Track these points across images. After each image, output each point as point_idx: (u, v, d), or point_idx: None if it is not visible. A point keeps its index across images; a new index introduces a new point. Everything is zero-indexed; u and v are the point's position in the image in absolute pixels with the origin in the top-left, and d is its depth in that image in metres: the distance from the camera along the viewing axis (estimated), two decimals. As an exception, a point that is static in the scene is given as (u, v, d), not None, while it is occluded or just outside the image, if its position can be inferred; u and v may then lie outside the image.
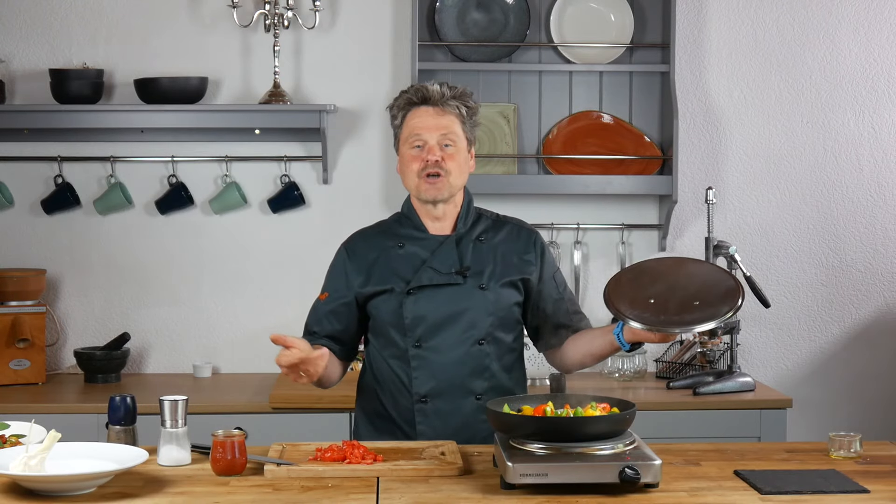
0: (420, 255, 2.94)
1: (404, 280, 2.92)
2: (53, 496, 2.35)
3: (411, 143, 2.90)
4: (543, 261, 3.01)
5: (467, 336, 2.90)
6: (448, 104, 2.89)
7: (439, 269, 2.91)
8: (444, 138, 2.89)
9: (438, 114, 2.89)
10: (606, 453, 2.40)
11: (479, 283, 2.91)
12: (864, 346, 4.50)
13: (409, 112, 2.92)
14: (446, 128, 2.89)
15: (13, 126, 4.20)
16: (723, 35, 4.40)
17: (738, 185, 4.44)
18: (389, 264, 2.94)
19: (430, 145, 2.88)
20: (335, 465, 2.54)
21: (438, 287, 2.90)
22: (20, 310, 4.11)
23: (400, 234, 2.99)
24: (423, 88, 2.90)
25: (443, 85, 2.91)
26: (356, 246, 3.02)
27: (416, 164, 2.90)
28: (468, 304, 2.90)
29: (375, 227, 3.07)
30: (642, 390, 4.01)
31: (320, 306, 3.02)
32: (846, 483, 2.48)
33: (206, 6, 4.30)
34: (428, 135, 2.89)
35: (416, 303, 2.90)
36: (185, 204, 4.31)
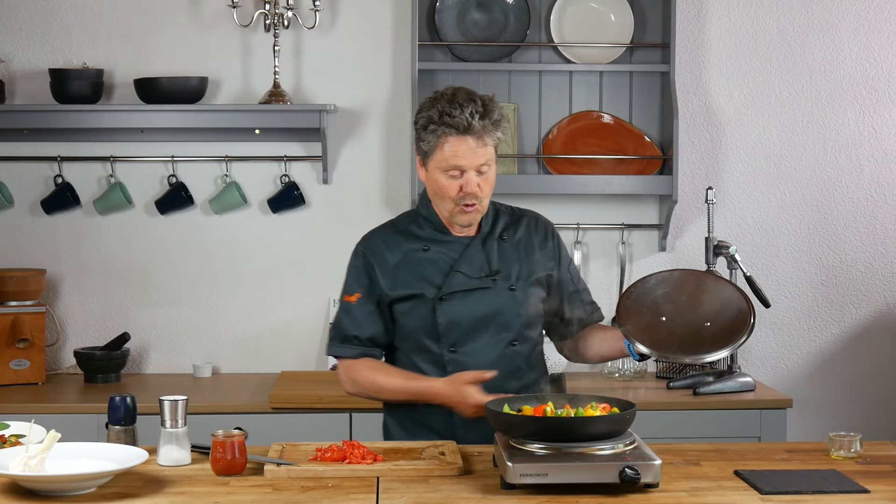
0: (447, 258, 2.91)
1: (434, 285, 2.89)
2: (53, 496, 2.35)
3: (447, 170, 2.83)
4: (560, 253, 3.02)
5: (501, 338, 2.90)
6: (488, 134, 2.82)
7: (470, 274, 2.90)
8: (481, 166, 2.83)
9: (478, 145, 2.81)
10: (606, 453, 2.40)
11: (509, 285, 2.91)
12: (864, 346, 4.50)
13: (445, 138, 2.81)
14: (484, 157, 2.82)
15: (13, 126, 4.20)
16: (723, 35, 4.40)
17: (738, 185, 4.44)
18: (416, 268, 2.91)
19: (468, 177, 2.82)
20: (335, 465, 2.54)
21: (469, 291, 2.89)
22: (20, 310, 4.11)
23: (422, 235, 2.95)
24: (462, 120, 2.78)
25: (481, 113, 2.80)
26: (376, 247, 2.97)
27: (452, 191, 2.84)
28: (500, 306, 2.89)
29: (390, 227, 3.02)
30: (642, 390, 4.01)
31: (355, 309, 2.94)
32: (846, 483, 2.48)
33: (206, 6, 4.30)
34: (467, 164, 2.81)
35: (449, 308, 2.88)
36: (185, 204, 4.31)
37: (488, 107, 2.82)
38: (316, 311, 4.37)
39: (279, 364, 4.35)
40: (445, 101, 2.82)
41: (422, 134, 2.85)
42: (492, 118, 2.82)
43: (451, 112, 2.79)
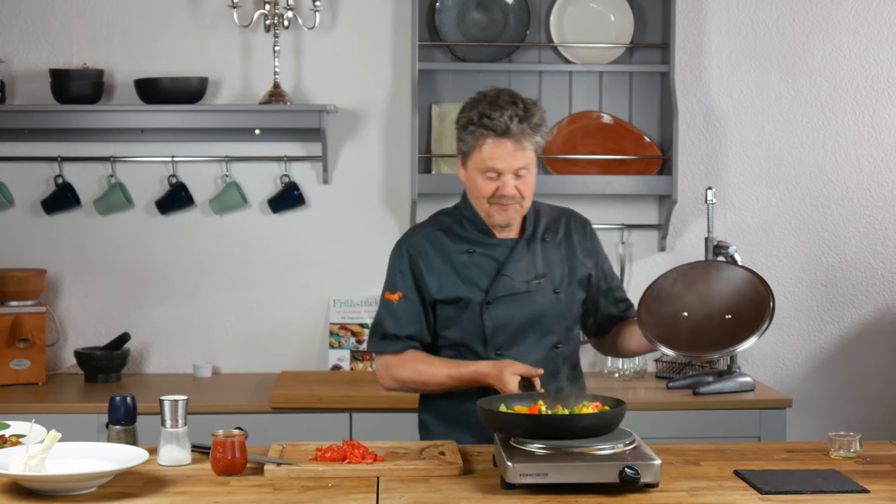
0: (493, 261, 2.91)
1: (480, 289, 2.89)
2: (53, 496, 2.36)
3: (484, 171, 2.83)
4: (598, 252, 3.03)
5: (545, 341, 2.91)
6: (527, 138, 2.80)
7: (516, 278, 2.90)
8: (519, 170, 2.82)
9: (517, 148, 2.79)
10: (606, 453, 2.40)
11: (554, 288, 2.91)
12: (864, 346, 4.50)
13: (484, 139, 2.80)
14: (522, 160, 2.81)
15: (13, 126, 4.20)
16: (723, 35, 4.40)
17: (738, 185, 4.44)
18: (462, 271, 2.90)
19: (505, 179, 2.82)
20: (335, 465, 2.54)
21: (516, 295, 2.89)
22: (20, 310, 4.11)
23: (465, 237, 2.94)
24: (501, 122, 2.77)
25: (521, 116, 2.78)
26: (421, 247, 2.95)
27: (487, 191, 2.84)
28: (545, 309, 2.90)
29: (433, 225, 2.99)
30: (642, 390, 4.01)
31: (397, 308, 2.93)
32: (846, 483, 2.48)
33: (206, 6, 4.30)
34: (504, 167, 2.81)
35: (496, 312, 2.88)
36: (185, 204, 4.31)
37: (530, 110, 2.81)
38: (316, 311, 4.37)
39: (279, 364, 4.35)
40: (487, 103, 2.81)
41: (461, 134, 2.85)
42: (531, 122, 2.80)
43: (491, 114, 2.78)
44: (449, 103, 4.32)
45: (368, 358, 4.28)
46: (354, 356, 4.28)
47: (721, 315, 2.74)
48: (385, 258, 4.36)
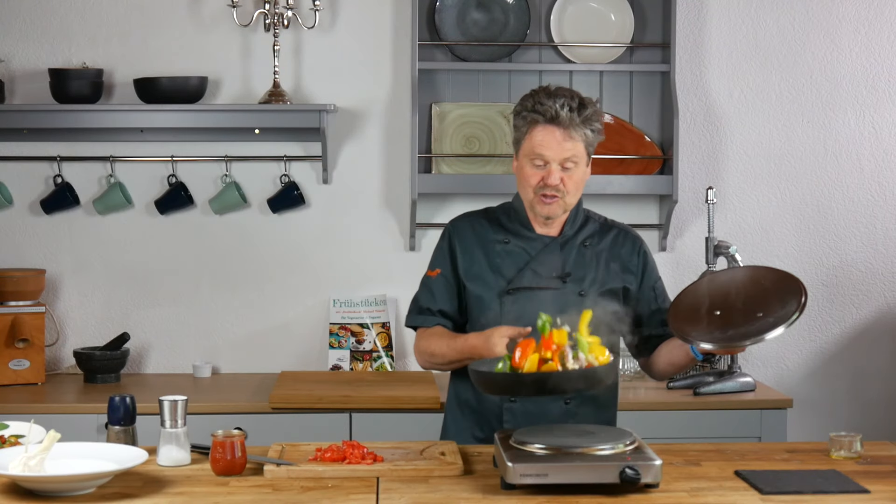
0: (524, 254, 2.93)
1: (505, 278, 2.91)
2: (53, 496, 2.35)
3: (532, 159, 2.85)
4: (646, 270, 3.00)
5: None
6: (576, 128, 2.82)
7: (540, 273, 2.91)
8: (566, 161, 2.84)
9: (565, 137, 2.82)
10: (607, 453, 2.40)
11: (580, 290, 2.91)
12: (864, 346, 4.50)
13: (534, 126, 2.84)
14: (570, 151, 2.83)
15: (13, 126, 4.19)
16: (723, 35, 4.40)
17: (738, 185, 4.44)
18: (494, 258, 2.94)
19: (551, 168, 2.84)
20: (335, 465, 2.54)
21: (537, 289, 2.90)
22: (20, 310, 4.10)
23: (507, 227, 2.97)
24: (552, 108, 2.81)
25: (573, 107, 2.82)
26: (463, 230, 3.00)
27: (534, 179, 2.86)
28: (565, 309, 2.86)
29: (482, 214, 3.04)
30: (642, 390, 4.01)
31: (433, 283, 2.99)
32: (846, 483, 2.48)
33: (206, 6, 4.29)
34: (551, 155, 2.83)
35: (514, 303, 2.89)
36: (185, 204, 4.31)
37: (584, 104, 2.85)
38: (316, 311, 4.36)
39: (279, 364, 4.35)
40: (543, 93, 2.86)
41: (515, 121, 2.90)
42: (583, 113, 2.83)
43: (544, 101, 2.83)
44: (449, 103, 4.32)
45: (368, 358, 4.28)
46: (354, 356, 4.28)
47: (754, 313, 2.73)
48: (385, 258, 4.40)
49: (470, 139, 4.31)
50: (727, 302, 2.77)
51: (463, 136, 4.31)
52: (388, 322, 4.31)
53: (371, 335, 4.29)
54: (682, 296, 2.85)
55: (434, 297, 2.98)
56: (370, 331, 4.30)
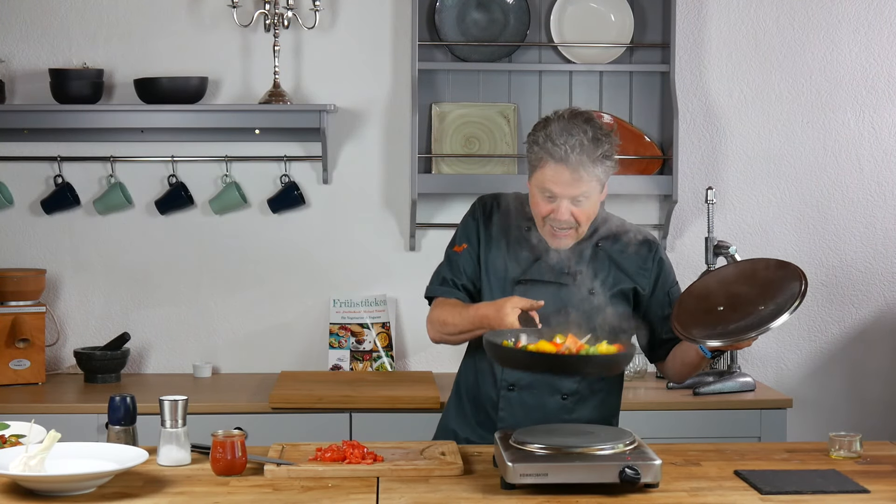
0: (542, 245, 2.92)
1: (520, 266, 2.92)
2: (53, 496, 2.35)
3: (542, 191, 2.83)
4: (660, 274, 2.99)
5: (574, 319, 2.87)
6: (587, 168, 2.79)
7: (553, 267, 2.91)
8: (576, 197, 2.81)
9: (574, 178, 2.78)
10: (607, 453, 2.40)
11: (590, 288, 2.91)
12: (864, 346, 4.50)
13: (546, 161, 2.79)
14: (580, 189, 2.80)
15: (13, 126, 4.20)
16: (723, 35, 4.40)
17: (738, 185, 4.44)
18: (513, 244, 2.94)
19: (560, 204, 2.81)
20: (335, 465, 2.54)
21: (547, 283, 2.90)
22: (20, 310, 4.10)
23: (530, 216, 2.95)
24: (562, 149, 2.75)
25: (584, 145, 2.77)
26: (491, 206, 3.00)
27: (544, 210, 2.85)
28: (575, 305, 2.89)
29: (513, 196, 3.02)
30: (642, 390, 4.01)
31: (458, 257, 2.98)
32: (846, 483, 2.48)
33: (206, 6, 4.30)
34: (560, 192, 2.80)
35: (524, 294, 2.88)
36: (185, 204, 4.31)
37: (598, 140, 2.80)
38: (316, 311, 4.37)
39: (279, 364, 4.35)
40: (557, 126, 2.80)
41: (530, 148, 2.86)
42: (594, 154, 2.78)
43: (556, 140, 2.78)
44: (449, 103, 4.32)
45: (368, 358, 4.28)
46: (354, 356, 4.28)
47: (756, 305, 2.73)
48: (385, 258, 4.40)
49: (470, 139, 4.31)
50: (728, 296, 2.78)
51: (463, 136, 4.31)
52: (388, 322, 4.31)
53: (371, 335, 4.29)
54: (685, 296, 2.85)
55: (459, 272, 2.97)
56: (370, 331, 4.30)
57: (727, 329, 2.69)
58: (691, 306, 2.80)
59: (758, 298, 2.73)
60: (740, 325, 2.68)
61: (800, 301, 2.66)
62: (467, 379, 3.03)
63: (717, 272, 2.94)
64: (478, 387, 2.98)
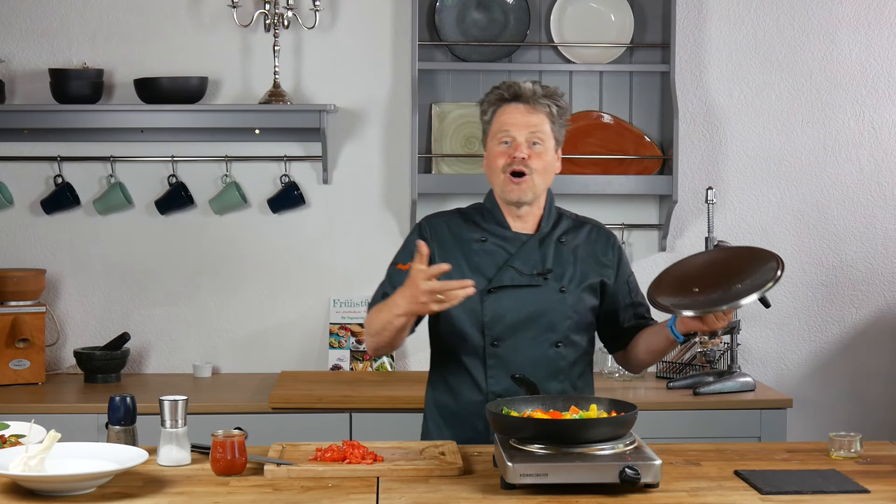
0: (502, 252, 2.92)
1: (485, 277, 2.90)
2: (53, 496, 2.35)
3: (499, 138, 2.88)
4: (620, 264, 3.02)
5: (545, 338, 2.90)
6: (539, 102, 2.88)
7: (521, 270, 2.90)
8: (532, 136, 2.87)
9: (529, 111, 2.87)
10: (607, 453, 2.40)
11: (560, 286, 2.91)
12: (864, 346, 4.50)
13: (499, 108, 2.90)
14: (535, 126, 2.87)
15: (13, 126, 4.20)
16: (723, 35, 4.40)
17: (738, 185, 4.44)
18: (472, 257, 2.92)
19: (517, 142, 2.87)
20: (335, 465, 2.54)
21: (519, 287, 2.90)
22: (20, 310, 4.11)
23: (483, 226, 2.96)
24: (515, 85, 2.88)
25: (535, 83, 2.90)
26: (439, 228, 2.98)
27: (501, 159, 2.88)
28: (548, 306, 2.90)
29: (456, 214, 3.02)
30: (642, 390, 4.01)
31: (398, 275, 2.92)
32: (846, 483, 2.48)
33: (206, 6, 4.30)
34: (516, 131, 2.87)
35: (496, 302, 2.88)
36: (185, 204, 4.31)
37: (548, 86, 2.92)
38: (316, 311, 4.37)
39: (279, 364, 4.35)
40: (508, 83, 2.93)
41: (483, 116, 2.95)
42: (547, 90, 2.90)
43: (509, 86, 2.90)
44: (449, 103, 4.32)
45: (368, 358, 4.28)
46: (354, 356, 4.28)
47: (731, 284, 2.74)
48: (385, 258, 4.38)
49: (470, 139, 4.31)
50: (704, 278, 2.79)
51: (463, 136, 4.31)
52: (388, 322, 4.30)
53: (371, 335, 4.29)
54: (661, 276, 2.87)
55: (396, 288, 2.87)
56: (370, 331, 4.29)
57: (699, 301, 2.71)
58: (667, 285, 2.82)
59: (733, 279, 2.74)
60: (713, 298, 2.70)
61: (774, 282, 2.67)
62: (442, 398, 2.97)
63: (694, 257, 2.96)
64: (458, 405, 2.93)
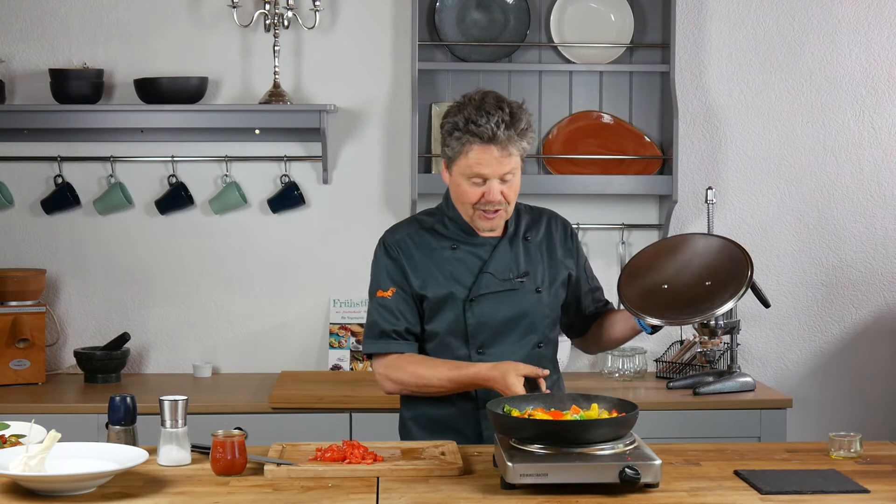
0: (476, 258, 2.90)
1: (464, 286, 2.88)
2: (53, 496, 2.35)
3: (470, 177, 2.80)
4: (578, 252, 3.04)
5: (527, 340, 2.91)
6: (514, 144, 2.78)
7: (498, 276, 2.89)
8: (505, 175, 2.80)
9: (503, 155, 2.77)
10: (607, 453, 2.40)
11: (536, 287, 2.91)
12: (864, 346, 4.50)
13: (469, 145, 2.77)
14: (508, 166, 2.79)
15: (13, 126, 4.20)
16: (723, 35, 4.40)
17: (738, 185, 4.44)
18: (446, 267, 2.89)
19: (491, 185, 2.80)
20: (335, 465, 2.54)
21: (498, 293, 2.89)
22: (20, 310, 4.11)
23: (448, 235, 2.92)
24: (488, 129, 2.74)
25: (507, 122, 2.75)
26: (405, 244, 2.92)
27: (473, 197, 2.82)
28: (527, 308, 2.90)
29: (416, 224, 2.96)
30: (642, 390, 4.01)
31: (391, 303, 2.89)
32: (846, 483, 2.48)
33: (206, 6, 4.30)
34: (490, 173, 2.79)
35: (478, 309, 2.88)
36: (185, 204, 4.31)
37: (516, 115, 2.78)
38: (316, 311, 4.37)
39: (279, 364, 4.35)
40: (472, 108, 2.78)
41: (447, 139, 2.83)
42: (518, 128, 2.77)
43: (477, 120, 2.76)
44: (449, 103, 4.31)
45: (368, 358, 4.27)
46: (354, 356, 4.28)
47: (701, 283, 2.74)
48: (385, 258, 4.38)
49: (470, 139, 4.31)
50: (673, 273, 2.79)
51: (463, 137, 4.31)
52: (388, 322, 4.31)
53: (371, 335, 4.29)
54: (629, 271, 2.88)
55: (396, 318, 2.89)
56: (370, 331, 4.29)
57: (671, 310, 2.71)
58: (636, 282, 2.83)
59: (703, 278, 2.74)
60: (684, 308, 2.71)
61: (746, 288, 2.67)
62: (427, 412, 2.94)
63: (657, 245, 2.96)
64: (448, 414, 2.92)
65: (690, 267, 2.80)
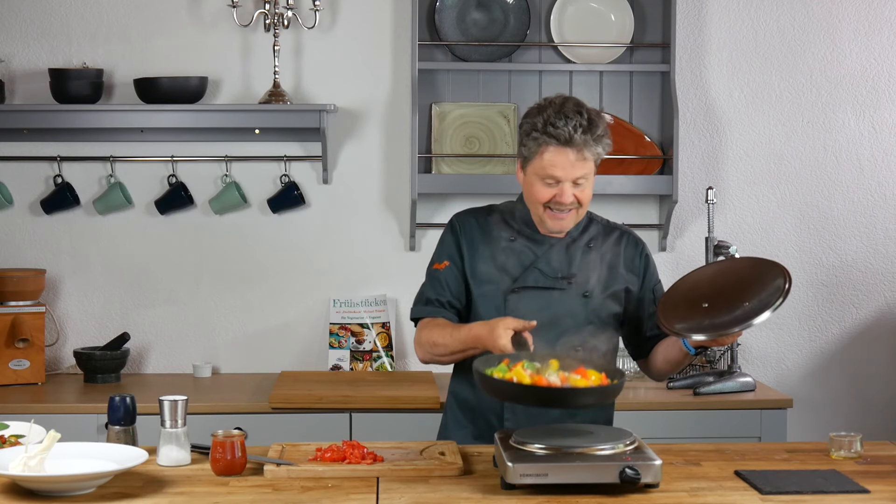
0: (530, 253, 2.92)
1: (510, 276, 2.91)
2: (53, 496, 2.35)
3: (544, 178, 2.83)
4: (647, 272, 3.01)
5: (564, 341, 2.88)
6: (589, 149, 2.81)
7: (546, 272, 2.90)
8: (578, 179, 2.83)
9: (578, 158, 2.80)
10: (607, 453, 2.40)
11: (584, 291, 2.91)
12: (864, 346, 4.50)
13: (545, 146, 2.81)
14: (582, 170, 2.82)
15: (13, 126, 4.20)
16: (723, 35, 4.40)
17: (738, 185, 4.44)
18: (499, 256, 2.93)
19: (564, 187, 2.82)
20: (335, 465, 2.54)
21: (542, 289, 2.90)
22: (20, 310, 4.10)
23: (512, 226, 2.96)
24: (565, 132, 2.78)
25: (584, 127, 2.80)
26: (468, 224, 2.98)
27: (544, 196, 2.85)
28: (569, 310, 2.89)
29: (486, 210, 3.02)
30: (642, 390, 4.01)
31: (441, 274, 2.96)
32: (846, 483, 2.48)
33: (206, 6, 4.30)
34: (563, 175, 2.81)
35: (518, 302, 2.89)
36: (185, 204, 4.31)
37: (593, 121, 2.82)
38: (316, 311, 4.37)
39: (279, 364, 4.35)
40: (552, 111, 2.82)
41: (524, 140, 2.86)
42: (595, 133, 2.81)
43: (556, 122, 2.80)
44: (449, 103, 4.32)
45: (368, 358, 4.28)
46: (354, 356, 4.28)
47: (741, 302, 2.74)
48: (385, 258, 4.40)
49: (470, 139, 4.31)
50: (713, 293, 2.79)
51: (463, 137, 4.31)
52: (388, 322, 4.31)
53: (371, 335, 4.29)
54: (670, 292, 2.87)
55: (443, 289, 2.95)
56: (370, 331, 4.30)
57: (711, 324, 2.70)
58: (676, 302, 2.82)
59: (742, 294, 2.74)
60: (724, 321, 2.70)
61: (783, 298, 2.67)
62: (463, 393, 3.00)
63: (702, 270, 2.95)
64: (477, 399, 2.95)
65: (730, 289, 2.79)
